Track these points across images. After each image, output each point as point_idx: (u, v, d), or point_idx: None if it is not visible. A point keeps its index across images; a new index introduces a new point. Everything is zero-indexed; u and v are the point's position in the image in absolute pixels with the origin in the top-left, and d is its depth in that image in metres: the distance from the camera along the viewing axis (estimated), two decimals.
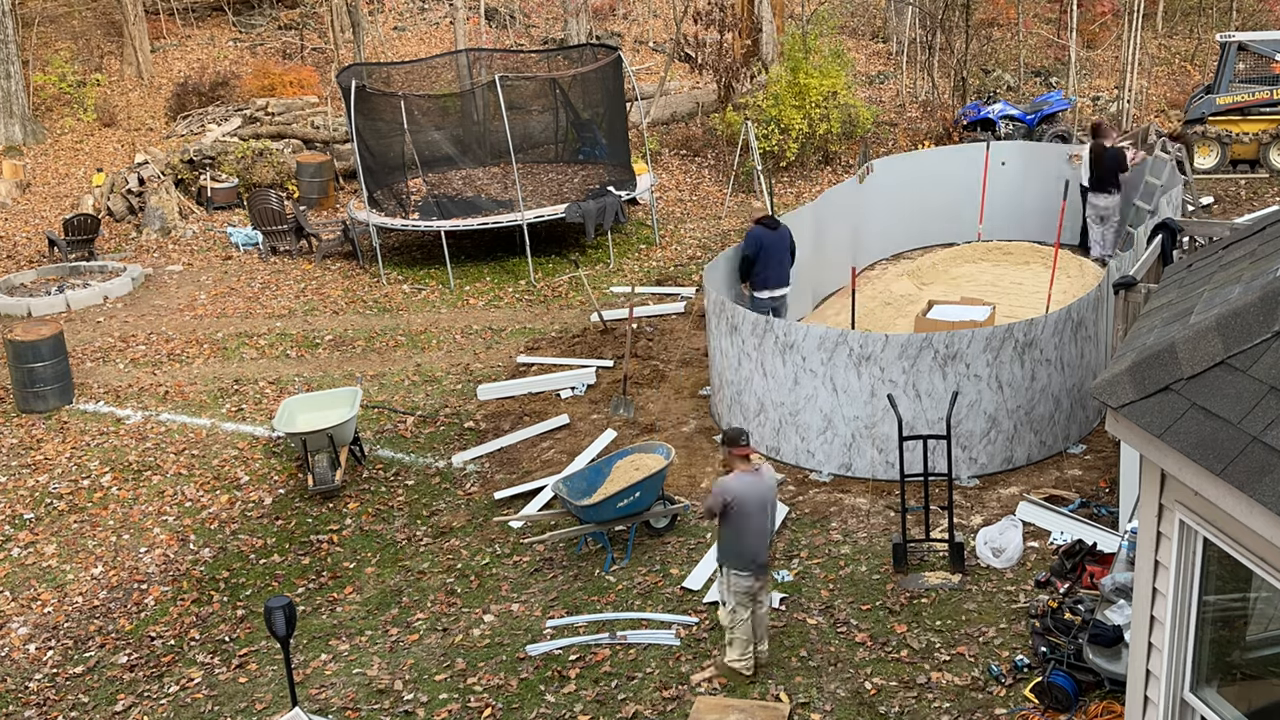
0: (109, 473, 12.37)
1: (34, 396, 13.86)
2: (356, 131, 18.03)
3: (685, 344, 14.18)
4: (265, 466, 12.33)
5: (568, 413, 12.66)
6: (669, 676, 8.34)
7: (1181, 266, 6.27)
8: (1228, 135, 19.60)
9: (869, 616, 8.80)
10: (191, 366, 15.04)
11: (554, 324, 15.50)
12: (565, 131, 21.09)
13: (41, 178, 23.99)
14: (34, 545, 11.17)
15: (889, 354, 10.37)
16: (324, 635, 9.52)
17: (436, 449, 12.39)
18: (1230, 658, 4.82)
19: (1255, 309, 4.38)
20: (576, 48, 22.65)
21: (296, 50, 30.74)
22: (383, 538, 10.87)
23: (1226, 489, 4.08)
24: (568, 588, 9.65)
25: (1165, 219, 11.56)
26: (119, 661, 9.44)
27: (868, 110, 22.38)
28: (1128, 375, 4.63)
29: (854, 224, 15.79)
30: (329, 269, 18.60)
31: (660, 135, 23.99)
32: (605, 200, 17.88)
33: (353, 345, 15.43)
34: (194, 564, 10.70)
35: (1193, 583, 4.69)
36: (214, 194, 21.58)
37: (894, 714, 7.74)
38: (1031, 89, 24.79)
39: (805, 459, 11.04)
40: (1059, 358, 10.69)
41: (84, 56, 29.14)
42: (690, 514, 10.53)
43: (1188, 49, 26.93)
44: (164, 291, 17.93)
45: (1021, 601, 8.77)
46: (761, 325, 10.97)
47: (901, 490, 9.36)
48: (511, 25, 31.76)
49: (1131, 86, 22.93)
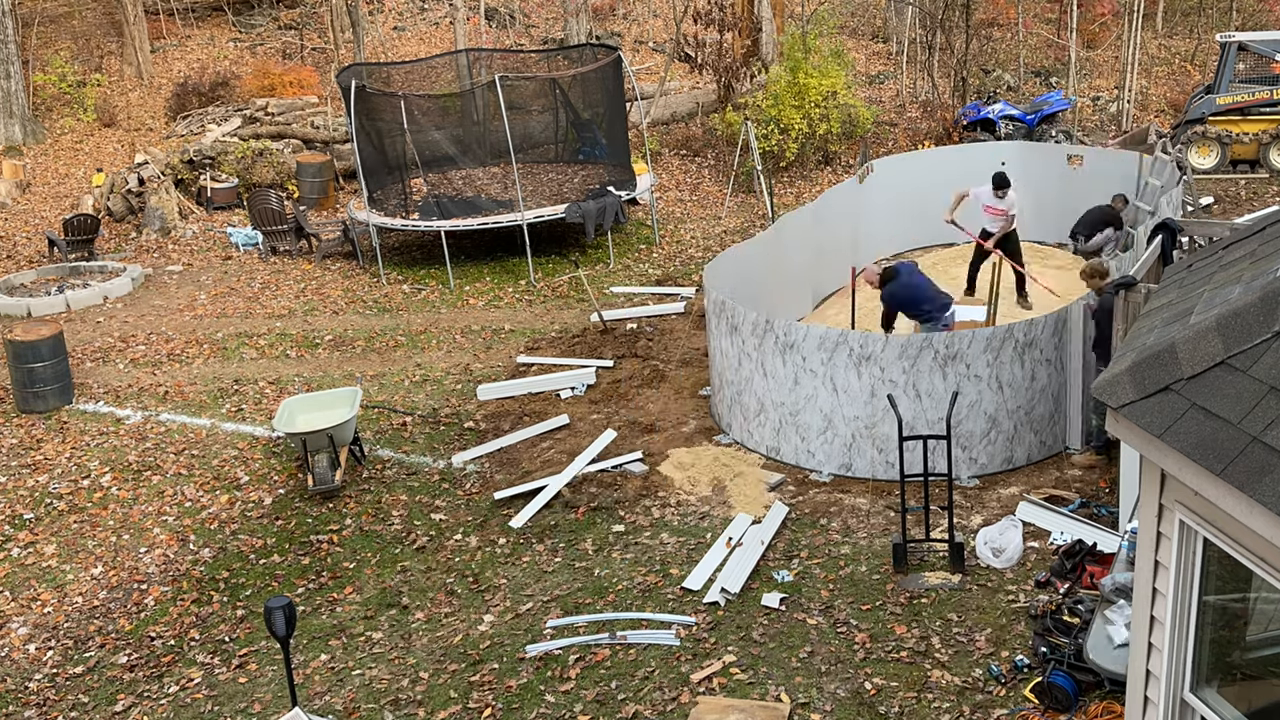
0: (109, 473, 12.37)
1: (34, 396, 13.86)
2: (356, 131, 18.04)
3: (685, 344, 14.17)
4: (265, 466, 12.33)
5: (567, 413, 12.66)
6: (669, 676, 8.34)
7: (1181, 266, 6.27)
8: (1228, 135, 19.60)
9: (869, 616, 8.80)
10: (191, 366, 15.04)
11: (554, 324, 15.50)
12: (565, 131, 21.09)
13: (41, 178, 23.99)
14: (34, 545, 11.17)
15: (889, 354, 10.37)
16: (324, 635, 9.52)
17: (436, 449, 12.39)
18: (1230, 658, 4.82)
19: (1255, 309, 4.38)
20: (576, 48, 22.66)
21: (296, 50, 30.73)
22: (383, 538, 10.86)
23: (1226, 489, 4.08)
24: (568, 588, 9.65)
25: (1165, 219, 11.56)
26: (119, 661, 9.44)
27: (868, 110, 22.38)
28: (1128, 375, 4.63)
29: (854, 224, 15.80)
30: (329, 269, 18.60)
31: (660, 135, 23.99)
32: (605, 200, 17.88)
33: (353, 345, 15.43)
34: (194, 564, 10.69)
35: (1193, 583, 4.69)
36: (214, 194, 21.57)
37: (894, 714, 7.74)
38: (1031, 89, 24.79)
39: (805, 459, 11.04)
40: (1058, 358, 10.69)
41: (84, 56, 29.13)
42: (689, 513, 10.53)
43: (1188, 49, 26.93)
44: (164, 292, 17.93)
45: (1021, 601, 8.77)
46: (762, 325, 10.97)
47: (901, 490, 9.36)
48: (511, 25, 31.76)
49: (1131, 86, 22.93)
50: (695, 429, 12.03)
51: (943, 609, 8.80)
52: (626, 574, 9.71)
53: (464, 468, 11.96)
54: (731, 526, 10.15)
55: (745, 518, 10.27)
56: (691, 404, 12.61)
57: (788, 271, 14.22)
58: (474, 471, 11.87)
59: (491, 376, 13.98)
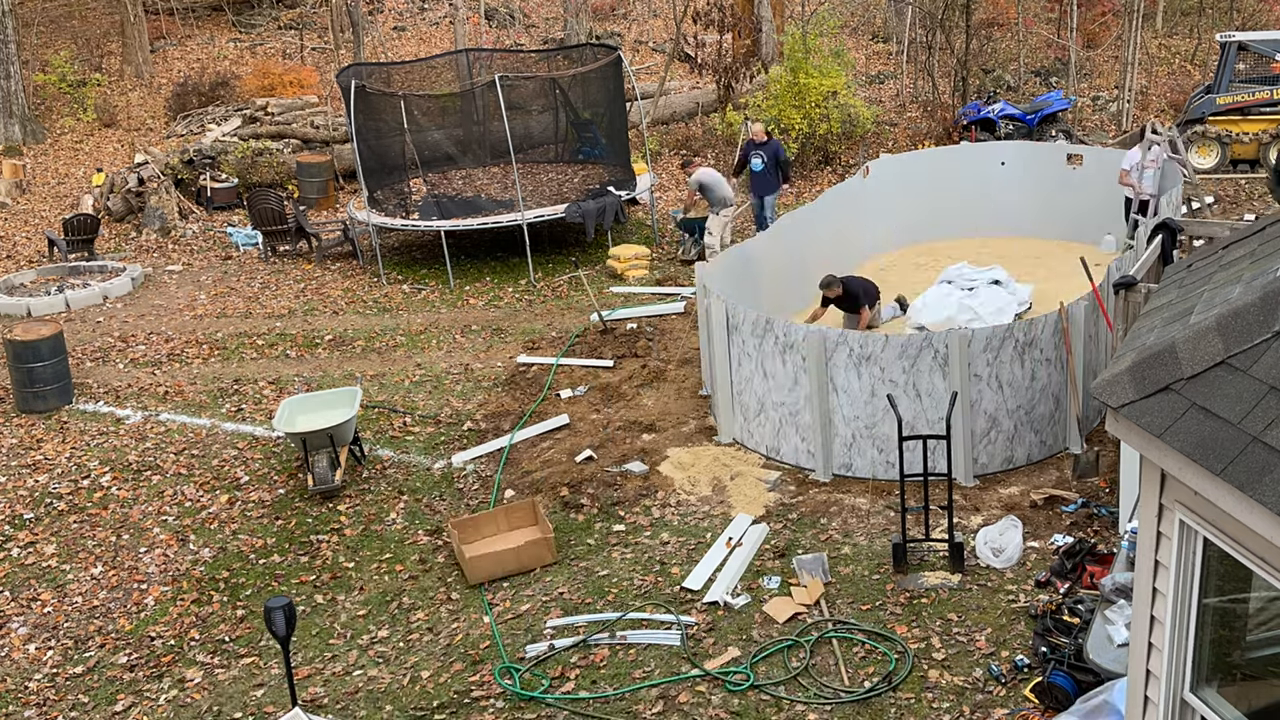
0: (109, 473, 12.37)
1: (34, 396, 13.86)
2: (356, 131, 18.03)
3: (685, 344, 14.17)
4: (265, 466, 12.33)
5: (567, 413, 12.66)
6: (669, 676, 8.34)
7: (1181, 266, 6.27)
8: (1228, 135, 19.60)
9: (869, 616, 8.80)
10: (191, 366, 15.05)
11: (553, 325, 15.49)
12: (565, 131, 21.08)
13: (41, 178, 23.99)
14: (34, 545, 11.17)
15: (889, 354, 10.37)
16: (324, 635, 9.52)
17: (436, 449, 12.39)
18: (1230, 658, 4.82)
19: (1255, 309, 4.38)
20: (576, 48, 22.66)
21: (296, 50, 30.73)
22: (383, 538, 10.86)
23: (1226, 489, 4.08)
24: (568, 588, 9.65)
25: (1165, 219, 11.55)
26: (119, 661, 9.44)
27: (868, 110, 22.38)
28: (1128, 375, 4.63)
29: (854, 223, 15.80)
30: (329, 269, 18.60)
31: (660, 135, 23.99)
32: (605, 200, 17.88)
33: (353, 345, 15.43)
34: (194, 564, 10.69)
35: (1193, 583, 4.69)
36: (214, 194, 21.57)
37: (894, 714, 7.74)
38: (1031, 89, 24.78)
39: (805, 459, 11.03)
40: (1058, 358, 10.69)
41: (84, 56, 29.13)
42: (691, 514, 10.54)
43: (1188, 49, 26.92)
44: (164, 291, 17.93)
45: (1021, 601, 8.77)
46: (762, 325, 10.97)
47: (901, 490, 9.37)
48: (511, 25, 31.76)
49: (1131, 86, 22.92)
50: (695, 429, 12.03)
51: (943, 609, 8.80)
52: (626, 574, 9.71)
53: (464, 468, 11.96)
54: (731, 526, 10.15)
55: (745, 518, 10.27)
56: (692, 404, 12.61)
57: (787, 270, 14.23)
58: (474, 471, 11.87)
59: (491, 376, 13.98)
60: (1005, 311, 13.43)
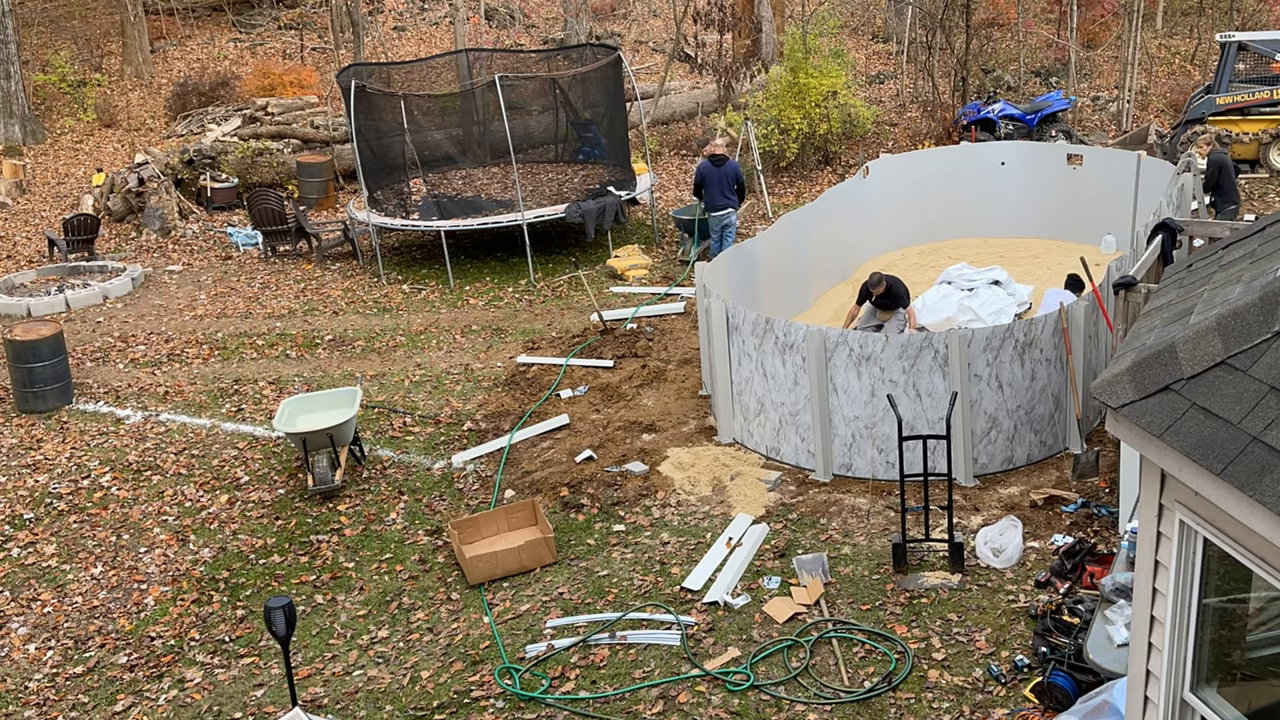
0: (109, 473, 12.37)
1: (34, 396, 13.86)
2: (356, 131, 18.03)
3: (685, 344, 14.17)
4: (265, 466, 12.33)
5: (567, 413, 12.66)
6: (669, 676, 8.34)
7: (1181, 266, 6.27)
8: (1228, 135, 19.59)
9: (869, 616, 8.80)
10: (191, 366, 15.05)
11: (553, 325, 15.49)
12: (565, 131, 21.08)
13: (41, 178, 23.99)
14: (34, 545, 11.17)
15: (889, 354, 10.37)
16: (324, 635, 9.52)
17: (436, 449, 12.39)
18: (1230, 658, 4.82)
19: (1255, 309, 4.38)
20: (576, 48, 22.65)
21: (296, 50, 30.73)
22: (383, 538, 10.87)
23: (1227, 489, 4.08)
24: (568, 588, 9.65)
25: (1165, 219, 11.55)
26: (119, 661, 9.44)
27: (868, 110, 22.38)
28: (1128, 375, 4.63)
29: (854, 223, 15.80)
30: (329, 269, 18.60)
31: (660, 135, 23.99)
32: (605, 200, 17.88)
33: (352, 345, 15.43)
34: (194, 564, 10.69)
35: (1193, 583, 4.69)
36: (214, 194, 21.57)
37: (894, 714, 7.74)
38: (1031, 89, 24.78)
39: (805, 459, 11.03)
40: (1057, 358, 10.69)
41: (84, 56, 29.13)
42: (689, 515, 10.54)
43: (1188, 49, 26.92)
44: (164, 291, 17.93)
45: (1021, 601, 8.77)
46: (762, 325, 10.97)
47: (901, 490, 9.37)
48: (511, 25, 31.76)
49: (1131, 86, 22.92)
50: (695, 429, 12.03)
51: (943, 609, 8.80)
52: (626, 574, 9.71)
53: (464, 468, 11.96)
54: (731, 526, 10.15)
55: (745, 518, 10.27)
56: (692, 404, 12.61)
57: (787, 270, 14.23)
58: (474, 471, 11.87)
59: (491, 376, 13.99)
60: (1005, 312, 13.45)
